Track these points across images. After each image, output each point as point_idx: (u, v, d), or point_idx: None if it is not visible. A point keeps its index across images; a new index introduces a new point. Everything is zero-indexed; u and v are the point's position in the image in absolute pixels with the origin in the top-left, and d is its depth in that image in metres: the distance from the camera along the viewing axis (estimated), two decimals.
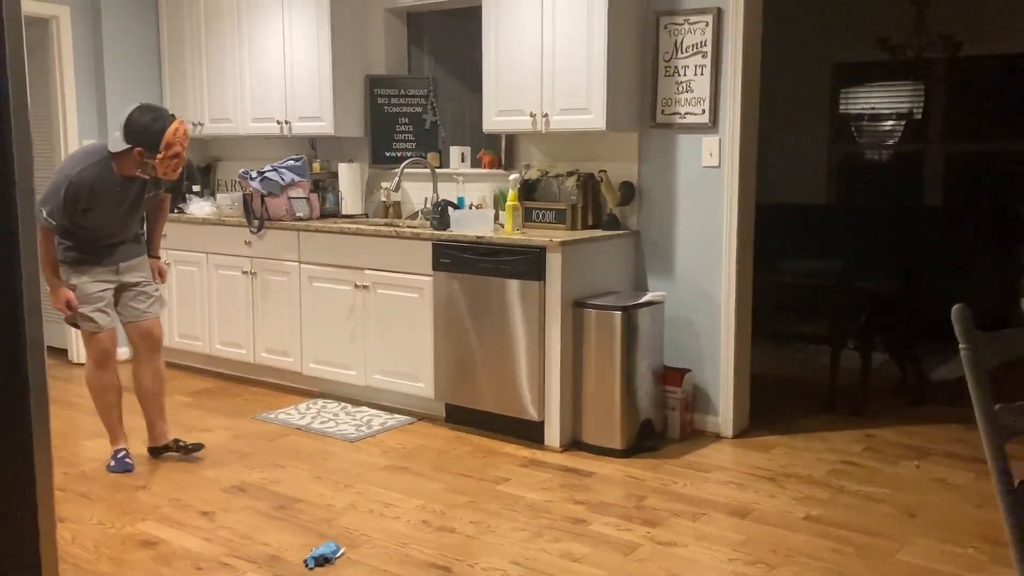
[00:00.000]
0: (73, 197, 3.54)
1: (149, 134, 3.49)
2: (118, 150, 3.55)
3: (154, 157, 3.51)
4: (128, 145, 3.51)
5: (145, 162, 3.53)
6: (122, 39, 5.67)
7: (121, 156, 3.55)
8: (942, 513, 3.37)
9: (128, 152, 3.53)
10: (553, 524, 3.25)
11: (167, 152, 3.50)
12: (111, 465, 3.82)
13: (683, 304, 4.30)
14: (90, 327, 3.76)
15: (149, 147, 3.50)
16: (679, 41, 4.21)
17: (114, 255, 3.78)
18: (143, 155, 3.51)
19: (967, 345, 1.69)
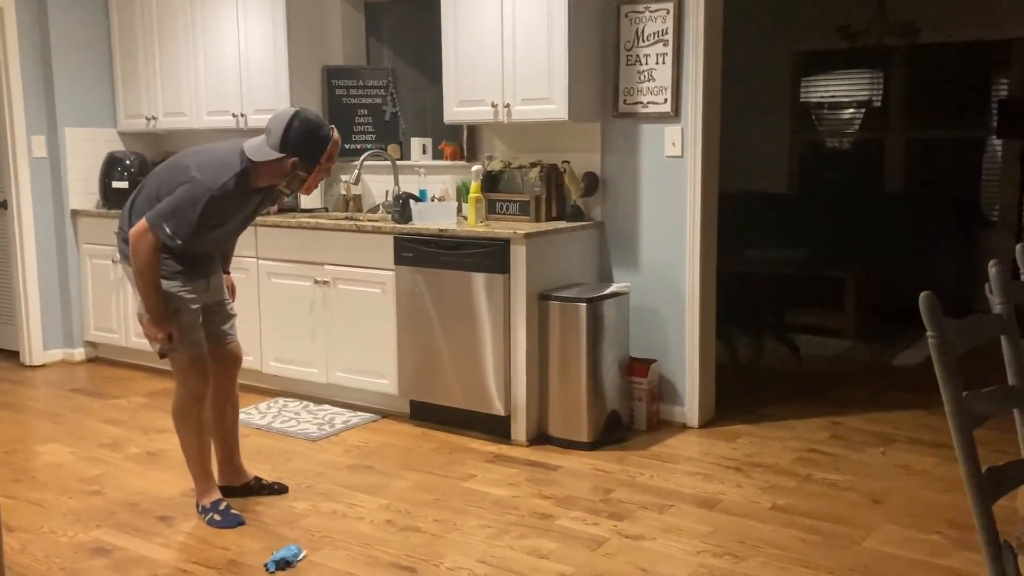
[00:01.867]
0: (210, 213, 3.05)
1: (313, 144, 3.08)
2: (266, 159, 3.08)
3: (310, 170, 3.12)
4: (281, 155, 3.06)
5: (297, 174, 3.10)
6: (70, 30, 5.51)
7: (265, 166, 3.09)
8: (908, 499, 3.37)
9: (277, 162, 3.07)
10: (520, 520, 3.21)
11: (326, 164, 3.14)
12: (217, 520, 3.20)
13: (648, 295, 4.27)
14: (195, 351, 3.22)
15: (310, 159, 3.09)
16: (640, 29, 4.17)
17: (207, 268, 3.30)
18: (296, 166, 3.07)
19: (935, 333, 1.66)
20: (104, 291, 5.50)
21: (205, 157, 3.15)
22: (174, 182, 3.08)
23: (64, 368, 5.53)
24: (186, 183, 3.05)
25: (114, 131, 5.75)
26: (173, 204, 3.03)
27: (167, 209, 3.03)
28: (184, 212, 3.02)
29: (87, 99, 5.62)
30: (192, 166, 3.09)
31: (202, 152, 3.22)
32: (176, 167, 3.16)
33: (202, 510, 3.27)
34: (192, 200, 3.02)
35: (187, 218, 3.02)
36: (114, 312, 5.47)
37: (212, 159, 3.12)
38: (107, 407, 4.70)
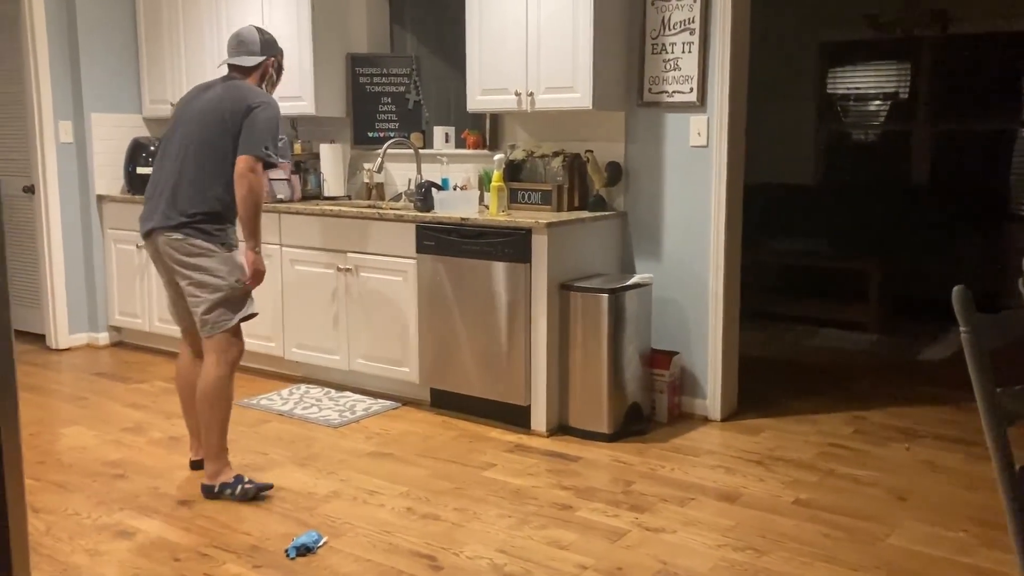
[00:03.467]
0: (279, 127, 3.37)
1: (276, 44, 3.51)
2: (253, 64, 3.43)
3: (279, 70, 3.53)
4: (263, 57, 3.43)
5: (270, 74, 3.48)
6: (98, 17, 5.54)
7: (256, 72, 3.44)
8: (932, 496, 3.34)
9: (260, 65, 3.44)
10: (539, 511, 3.20)
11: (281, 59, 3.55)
12: (249, 489, 3.27)
13: (670, 286, 4.24)
14: (252, 308, 3.38)
15: (280, 57, 3.52)
16: (666, 18, 4.13)
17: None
18: (273, 65, 3.49)
19: (968, 328, 1.63)
20: (128, 276, 5.54)
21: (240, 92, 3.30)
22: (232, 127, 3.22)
23: (89, 352, 5.58)
24: (256, 109, 3.23)
25: (139, 117, 5.78)
26: (262, 130, 3.22)
27: (262, 136, 3.21)
28: (273, 132, 3.26)
29: (113, 85, 5.65)
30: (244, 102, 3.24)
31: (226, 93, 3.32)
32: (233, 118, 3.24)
33: (224, 486, 3.29)
34: (274, 119, 3.28)
35: (275, 136, 3.27)
36: (138, 297, 5.50)
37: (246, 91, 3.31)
38: (130, 391, 4.74)
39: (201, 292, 3.26)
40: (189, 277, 3.27)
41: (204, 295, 3.25)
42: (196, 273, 3.25)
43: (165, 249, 3.28)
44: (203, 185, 3.25)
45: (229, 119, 3.24)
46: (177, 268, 3.28)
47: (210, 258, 3.25)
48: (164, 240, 3.27)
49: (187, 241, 3.24)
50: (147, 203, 3.37)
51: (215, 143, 3.24)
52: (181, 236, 3.24)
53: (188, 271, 3.26)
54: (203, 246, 3.24)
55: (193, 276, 3.26)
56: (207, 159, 3.25)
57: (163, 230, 3.26)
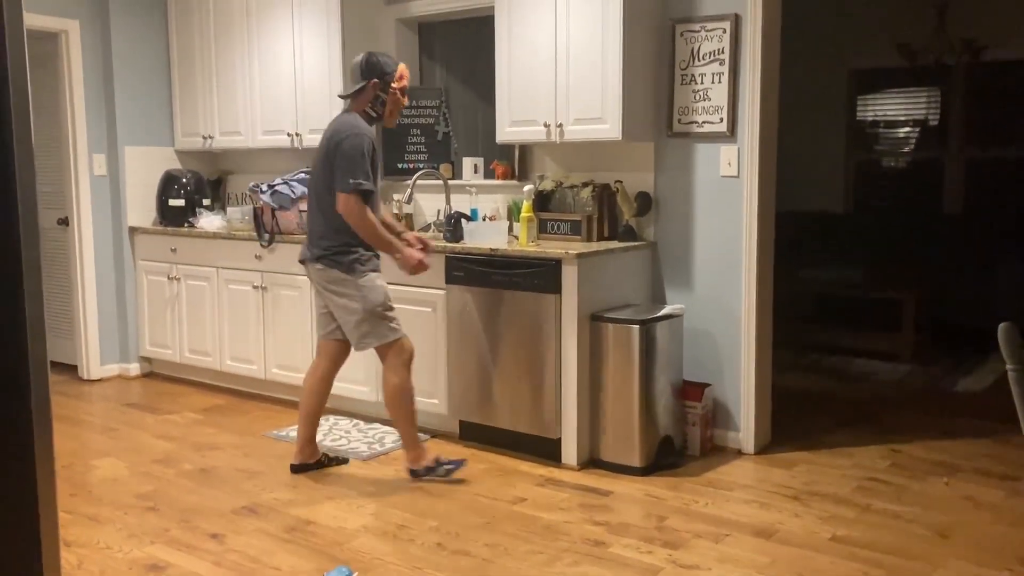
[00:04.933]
0: (371, 157, 3.58)
1: (384, 66, 3.65)
2: (354, 89, 3.66)
3: (387, 89, 3.66)
4: (364, 81, 3.63)
5: (378, 95, 3.64)
6: (131, 52, 5.64)
7: (357, 98, 3.66)
8: (975, 533, 3.25)
9: (363, 90, 3.64)
10: (572, 547, 3.15)
11: (399, 84, 3.68)
12: (451, 469, 3.80)
13: (702, 317, 4.20)
14: (399, 328, 3.74)
15: (384, 79, 3.65)
16: (696, 49, 4.12)
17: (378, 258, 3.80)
18: (376, 87, 3.63)
19: (1015, 365, 1.59)
20: (159, 307, 5.59)
21: (336, 126, 3.64)
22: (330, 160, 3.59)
23: (120, 383, 5.62)
24: (341, 142, 3.54)
25: (171, 150, 5.86)
26: (347, 163, 3.52)
27: (348, 169, 3.51)
28: (357, 160, 3.52)
29: (146, 118, 5.73)
30: (335, 138, 3.58)
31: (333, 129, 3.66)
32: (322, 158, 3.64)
33: (426, 471, 3.77)
34: (355, 149, 3.53)
35: (362, 167, 3.52)
36: (168, 328, 5.54)
37: (339, 124, 3.63)
38: (161, 422, 4.76)
39: (346, 315, 3.70)
40: (333, 301, 3.72)
41: (349, 317, 3.69)
42: (338, 298, 3.69)
43: (313, 276, 3.77)
44: (325, 219, 3.67)
45: (329, 154, 3.61)
46: (324, 293, 3.75)
47: (345, 285, 3.66)
48: (311, 269, 3.77)
49: (326, 272, 3.69)
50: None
51: (325, 178, 3.64)
52: (321, 267, 3.70)
53: (332, 296, 3.71)
54: (338, 276, 3.66)
55: (336, 300, 3.70)
56: (323, 194, 3.66)
57: (309, 261, 3.75)
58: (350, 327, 3.71)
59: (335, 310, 3.74)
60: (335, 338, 3.84)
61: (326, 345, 3.88)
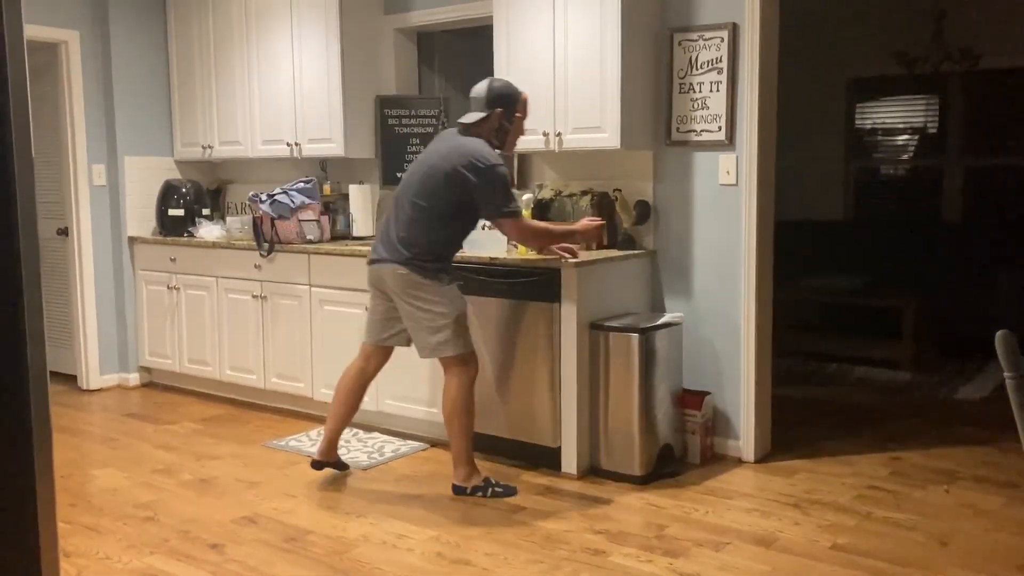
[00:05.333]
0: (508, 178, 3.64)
1: (510, 96, 3.64)
2: (476, 120, 3.64)
3: (511, 120, 3.66)
4: (489, 110, 3.62)
5: (502, 124, 3.64)
6: (131, 63, 5.65)
7: (481, 127, 3.65)
8: (975, 541, 3.25)
9: (487, 119, 3.63)
10: (572, 555, 3.15)
11: (523, 112, 3.69)
12: (500, 492, 3.72)
13: (701, 325, 4.20)
14: (471, 343, 3.76)
15: (509, 108, 3.64)
16: (694, 57, 4.13)
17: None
18: (501, 117, 3.63)
19: (1013, 373, 1.59)
20: (159, 317, 5.59)
21: (463, 150, 3.58)
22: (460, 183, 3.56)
23: (119, 393, 5.62)
24: (485, 171, 3.53)
25: (171, 159, 5.87)
26: (499, 191, 3.56)
27: (502, 196, 3.57)
28: (508, 190, 3.59)
29: (146, 128, 5.74)
30: (468, 161, 3.54)
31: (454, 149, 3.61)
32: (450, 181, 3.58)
33: (473, 490, 3.72)
34: (502, 177, 3.57)
35: (511, 193, 3.61)
36: (168, 338, 5.54)
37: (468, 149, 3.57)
38: (160, 432, 4.75)
39: (425, 320, 3.65)
40: (411, 306, 3.67)
41: (428, 323, 3.65)
42: (419, 303, 3.65)
43: (389, 279, 3.69)
44: (424, 229, 3.64)
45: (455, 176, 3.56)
46: (400, 297, 3.68)
47: (429, 291, 3.64)
48: (389, 271, 3.68)
49: (409, 277, 3.64)
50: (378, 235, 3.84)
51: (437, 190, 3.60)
52: (406, 271, 3.64)
53: (411, 301, 3.66)
54: (422, 281, 3.64)
55: (415, 305, 3.66)
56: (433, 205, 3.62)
57: (389, 262, 3.67)
58: (425, 333, 3.66)
59: (410, 316, 3.68)
60: (387, 344, 3.85)
61: (374, 350, 3.87)
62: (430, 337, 3.67)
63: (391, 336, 3.83)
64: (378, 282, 3.77)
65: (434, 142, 3.82)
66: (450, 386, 3.71)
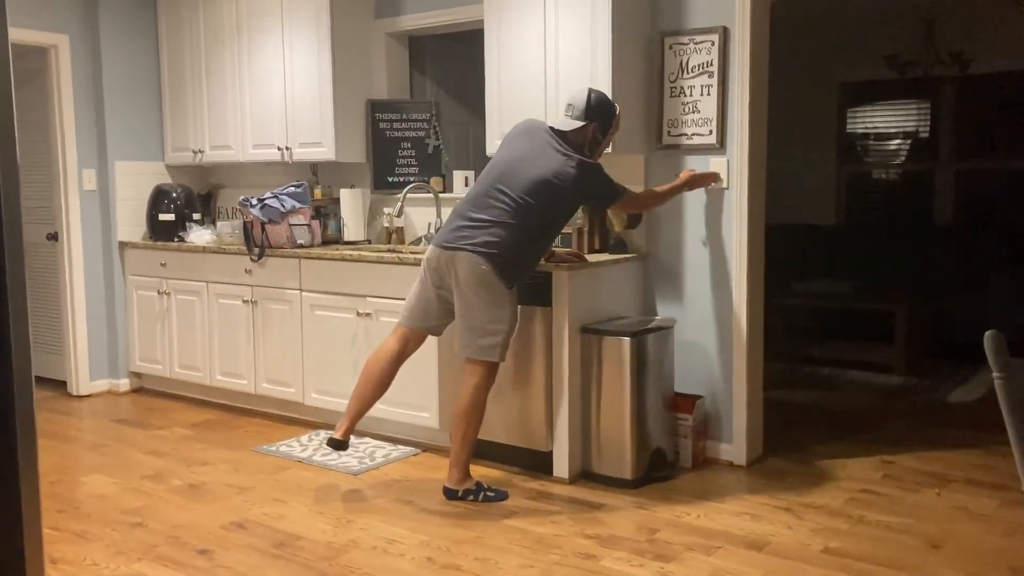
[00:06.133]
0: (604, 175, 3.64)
1: (608, 110, 3.61)
2: (574, 128, 3.59)
3: (605, 133, 3.62)
4: (586, 121, 3.58)
5: (596, 137, 3.60)
6: (122, 67, 5.63)
7: (574, 135, 3.61)
8: (967, 544, 3.24)
9: (582, 129, 3.59)
10: (563, 560, 3.13)
11: (615, 129, 3.68)
12: (492, 496, 3.70)
13: (693, 328, 4.20)
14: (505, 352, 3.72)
15: (605, 123, 3.61)
16: (684, 61, 4.13)
17: None
18: (596, 130, 3.60)
19: (1002, 373, 1.59)
20: (150, 322, 5.56)
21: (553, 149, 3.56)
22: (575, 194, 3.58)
23: (109, 398, 5.59)
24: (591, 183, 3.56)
25: (162, 164, 5.85)
26: (605, 183, 3.60)
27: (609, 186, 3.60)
28: (608, 176, 3.63)
29: (136, 133, 5.72)
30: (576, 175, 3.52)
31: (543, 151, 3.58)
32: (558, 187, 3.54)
33: (465, 493, 3.69)
34: (600, 168, 3.60)
35: (611, 181, 3.64)
36: (159, 343, 5.52)
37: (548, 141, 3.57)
38: (150, 438, 4.73)
39: (483, 319, 3.59)
40: (473, 299, 3.59)
41: (485, 324, 3.59)
42: (482, 301, 3.58)
43: (460, 265, 3.57)
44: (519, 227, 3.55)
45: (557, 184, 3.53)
46: (464, 287, 3.59)
47: (498, 292, 3.58)
48: (462, 256, 3.57)
49: (482, 269, 3.55)
50: (453, 219, 3.68)
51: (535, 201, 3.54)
52: (483, 263, 3.54)
53: (475, 294, 3.58)
54: (494, 280, 3.57)
55: (477, 301, 3.58)
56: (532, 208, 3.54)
57: (470, 252, 3.55)
58: (477, 333, 3.60)
59: (469, 311, 3.60)
60: (428, 331, 3.81)
61: (412, 335, 3.80)
62: (480, 339, 3.62)
63: (435, 325, 3.81)
64: (444, 267, 3.64)
65: (528, 137, 3.66)
66: (468, 388, 3.67)
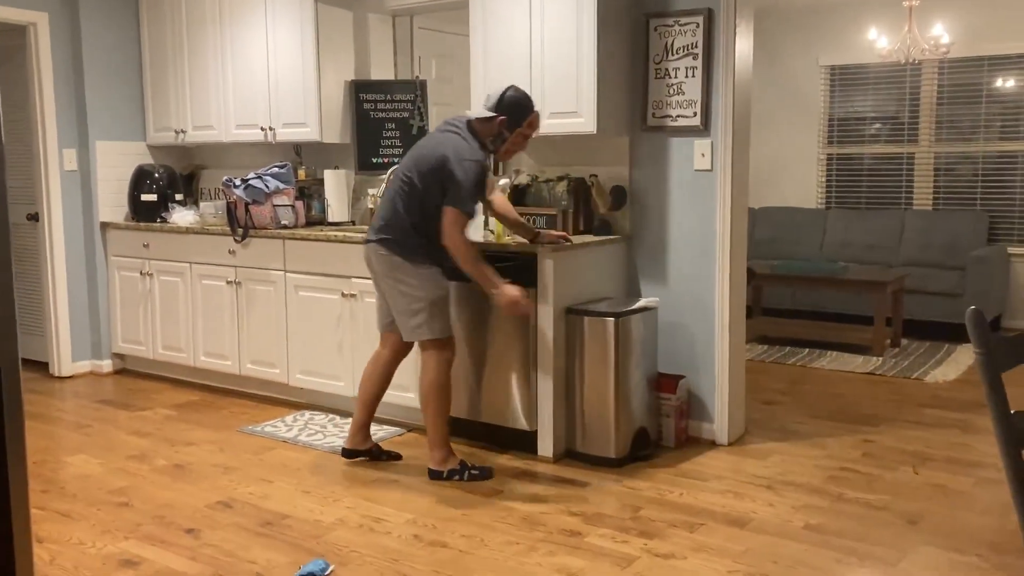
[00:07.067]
0: (482, 183, 3.60)
1: (520, 108, 3.61)
2: (481, 117, 3.63)
3: (512, 130, 3.62)
4: (493, 114, 3.60)
5: (502, 132, 3.61)
6: (102, 45, 5.57)
7: (481, 124, 3.64)
8: (944, 520, 3.30)
9: (489, 120, 3.61)
10: (548, 537, 3.17)
11: (524, 130, 3.64)
12: (477, 475, 3.71)
13: (677, 309, 4.23)
14: (449, 327, 3.74)
15: (514, 120, 3.60)
16: (669, 43, 4.14)
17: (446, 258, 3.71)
18: (503, 124, 3.60)
19: (982, 350, 1.62)
20: (132, 303, 5.54)
21: (453, 142, 3.60)
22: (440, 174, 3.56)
23: (92, 380, 5.57)
24: (458, 167, 3.52)
25: (143, 144, 5.80)
26: (461, 186, 3.52)
27: (460, 193, 3.52)
28: (472, 189, 3.54)
29: (118, 113, 5.67)
30: (450, 155, 3.55)
31: (444, 142, 3.64)
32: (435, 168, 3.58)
33: (449, 473, 3.71)
34: (471, 174, 3.53)
35: (474, 194, 3.56)
36: (141, 324, 5.50)
37: (452, 138, 3.61)
38: (134, 419, 4.72)
39: (403, 303, 3.68)
40: (391, 288, 3.71)
41: (405, 305, 3.68)
42: (397, 285, 3.68)
43: (373, 259, 3.74)
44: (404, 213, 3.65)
45: (438, 166, 3.57)
46: (383, 279, 3.73)
47: (405, 272, 3.66)
48: (372, 251, 3.73)
49: (389, 257, 3.67)
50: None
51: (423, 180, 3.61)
52: (384, 252, 3.68)
53: (391, 282, 3.70)
54: (399, 262, 3.66)
55: (394, 287, 3.69)
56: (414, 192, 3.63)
57: (372, 242, 3.72)
58: (405, 316, 3.68)
59: (391, 297, 3.72)
60: (392, 329, 3.82)
61: (389, 336, 3.86)
62: (409, 321, 3.68)
63: (391, 321, 3.81)
64: (368, 262, 3.80)
65: (441, 124, 3.80)
66: (427, 369, 3.71)
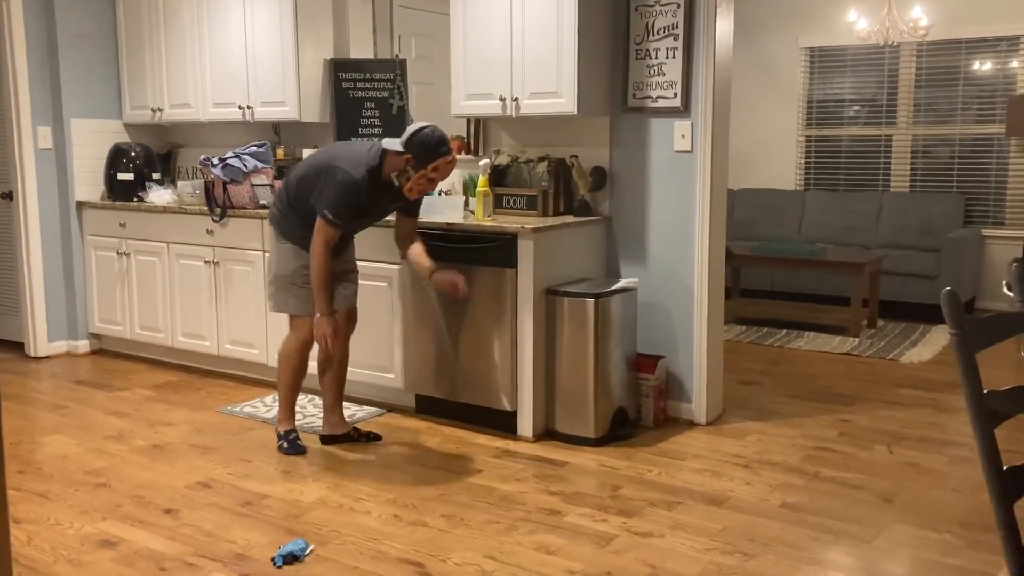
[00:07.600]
0: (356, 201, 3.60)
1: (428, 150, 3.55)
2: (391, 150, 3.61)
3: (416, 171, 3.56)
4: (401, 150, 3.57)
5: (406, 170, 3.58)
6: (76, 21, 5.49)
7: (390, 157, 3.61)
8: (918, 498, 3.35)
9: (397, 155, 3.59)
10: (527, 516, 3.19)
11: (428, 172, 3.56)
12: (285, 448, 3.85)
13: (656, 290, 4.25)
14: (304, 308, 3.79)
15: (419, 160, 3.55)
16: (650, 24, 4.14)
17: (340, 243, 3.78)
18: (408, 163, 3.56)
19: (956, 329, 1.63)
20: (109, 283, 5.49)
21: (344, 152, 3.69)
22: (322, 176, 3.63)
23: (68, 360, 5.52)
24: (327, 173, 3.61)
25: (119, 123, 5.73)
26: (325, 193, 3.58)
27: (321, 197, 3.60)
28: (337, 199, 3.56)
29: (93, 90, 5.60)
30: (337, 159, 3.64)
31: (350, 148, 3.75)
32: (321, 164, 3.68)
33: (279, 436, 3.90)
34: (341, 187, 3.56)
35: (340, 204, 3.57)
36: (118, 304, 5.45)
37: (350, 153, 3.66)
38: (112, 399, 4.69)
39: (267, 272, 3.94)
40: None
41: (267, 275, 3.94)
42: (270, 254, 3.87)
43: None
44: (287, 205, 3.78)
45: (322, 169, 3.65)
46: None
47: (271, 243, 3.84)
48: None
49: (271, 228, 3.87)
50: None
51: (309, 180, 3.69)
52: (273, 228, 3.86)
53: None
54: (272, 234, 3.85)
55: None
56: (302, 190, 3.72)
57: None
58: (265, 286, 3.81)
59: None
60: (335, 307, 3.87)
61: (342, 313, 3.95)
62: (266, 289, 3.92)
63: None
64: None
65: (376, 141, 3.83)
66: (284, 339, 3.90)
